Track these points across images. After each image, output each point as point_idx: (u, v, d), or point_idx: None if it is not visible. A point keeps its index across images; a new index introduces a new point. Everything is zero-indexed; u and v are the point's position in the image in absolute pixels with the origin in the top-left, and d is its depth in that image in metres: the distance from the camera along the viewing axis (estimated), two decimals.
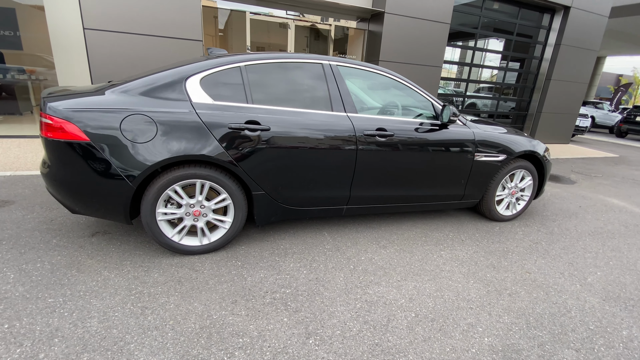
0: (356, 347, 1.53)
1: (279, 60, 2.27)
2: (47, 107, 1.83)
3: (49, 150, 1.90)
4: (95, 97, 1.91)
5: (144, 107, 1.91)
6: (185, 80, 2.04)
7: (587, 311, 1.92)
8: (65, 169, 1.89)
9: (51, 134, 1.84)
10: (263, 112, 2.13)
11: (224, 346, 1.48)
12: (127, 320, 1.58)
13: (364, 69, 2.50)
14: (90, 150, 1.84)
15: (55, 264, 1.98)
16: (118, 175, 1.88)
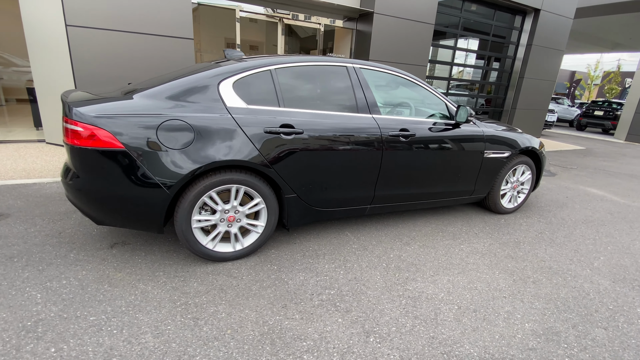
0: (415, 342, 1.58)
1: (306, 63, 2.26)
2: (74, 113, 1.72)
3: (77, 159, 1.78)
4: (125, 101, 1.81)
5: (180, 112, 1.84)
6: (218, 84, 1.98)
7: (603, 293, 2.11)
8: (96, 178, 1.78)
9: (79, 141, 1.72)
10: (296, 115, 2.12)
11: (291, 351, 1.47)
12: (183, 333, 1.53)
13: (383, 71, 2.55)
14: (125, 158, 1.75)
15: (83, 280, 1.86)
16: (155, 183, 1.80)
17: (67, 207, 2.80)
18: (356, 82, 2.39)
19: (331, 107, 2.29)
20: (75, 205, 1.95)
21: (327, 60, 2.34)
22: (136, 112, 1.78)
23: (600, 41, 17.32)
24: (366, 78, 2.44)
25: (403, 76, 2.64)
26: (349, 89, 2.36)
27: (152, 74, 4.58)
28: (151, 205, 1.85)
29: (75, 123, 1.71)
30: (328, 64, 2.34)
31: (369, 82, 2.45)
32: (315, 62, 2.30)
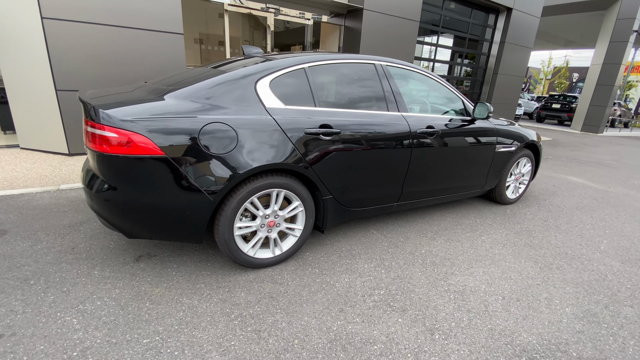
0: (477, 335, 1.63)
1: (337, 60, 2.22)
2: (103, 117, 1.55)
3: (109, 168, 1.62)
4: (159, 103, 1.68)
5: (221, 114, 1.73)
6: (255, 84, 1.89)
7: (617, 274, 2.29)
8: (132, 188, 1.63)
9: (112, 148, 1.57)
10: (332, 114, 2.08)
11: (366, 356, 1.46)
12: (250, 348, 1.46)
13: (406, 68, 2.57)
14: (165, 165, 1.62)
15: (119, 299, 1.71)
16: (198, 190, 1.69)
17: (70, 219, 2.56)
18: (384, 80, 2.38)
19: (363, 105, 2.27)
20: (102, 218, 1.78)
21: (356, 58, 2.32)
22: (174, 114, 1.65)
23: (554, 39, 18.66)
24: (392, 75, 2.44)
25: (423, 73, 2.68)
26: (378, 87, 2.35)
27: (139, 71, 4.28)
28: (194, 215, 1.73)
29: (107, 128, 1.56)
30: (357, 61, 2.31)
31: (395, 79, 2.46)
32: (344, 60, 2.26)
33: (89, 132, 1.63)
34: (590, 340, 1.65)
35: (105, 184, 1.66)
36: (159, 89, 1.88)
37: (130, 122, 1.57)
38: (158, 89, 1.91)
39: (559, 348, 1.59)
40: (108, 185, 1.66)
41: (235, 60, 2.44)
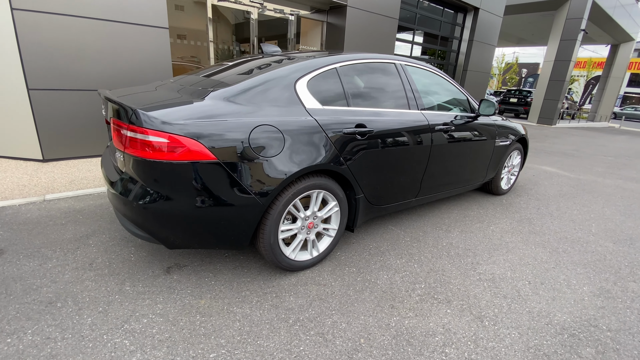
0: (520, 319, 1.75)
1: (363, 60, 2.23)
2: (151, 121, 1.44)
3: (155, 176, 1.51)
4: (204, 105, 1.59)
5: (267, 116, 1.68)
6: (295, 84, 1.85)
7: (614, 253, 2.56)
8: (182, 196, 1.53)
9: (160, 154, 1.46)
10: (364, 114, 2.10)
11: (431, 348, 1.51)
12: (320, 351, 1.45)
13: (420, 67, 2.64)
14: (216, 170, 1.54)
15: (165, 314, 1.61)
16: (249, 195, 1.63)
17: (73, 232, 2.34)
18: (405, 79, 2.44)
19: (388, 103, 2.30)
20: (142, 229, 1.65)
21: (378, 57, 2.34)
22: (223, 117, 1.57)
23: (508, 37, 20.01)
24: (411, 74, 2.51)
25: (432, 71, 2.77)
26: (400, 85, 2.40)
27: (122, 68, 3.99)
28: (243, 220, 1.67)
29: (156, 133, 1.45)
30: (380, 60, 2.34)
31: (414, 78, 2.53)
32: (369, 59, 2.28)
33: (128, 137, 1.51)
34: (612, 314, 1.84)
35: (151, 192, 1.55)
36: (194, 89, 1.78)
37: (181, 126, 1.47)
38: (191, 89, 1.81)
39: (591, 323, 1.75)
40: (155, 194, 1.54)
41: (253, 58, 2.37)
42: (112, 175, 1.79)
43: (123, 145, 1.55)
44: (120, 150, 1.60)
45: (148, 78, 4.20)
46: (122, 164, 1.64)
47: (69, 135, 3.86)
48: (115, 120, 1.61)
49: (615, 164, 6.21)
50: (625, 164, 6.36)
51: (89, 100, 3.88)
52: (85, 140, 3.97)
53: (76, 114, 3.84)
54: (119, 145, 1.61)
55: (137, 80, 4.13)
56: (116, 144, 1.64)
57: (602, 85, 19.80)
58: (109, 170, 1.89)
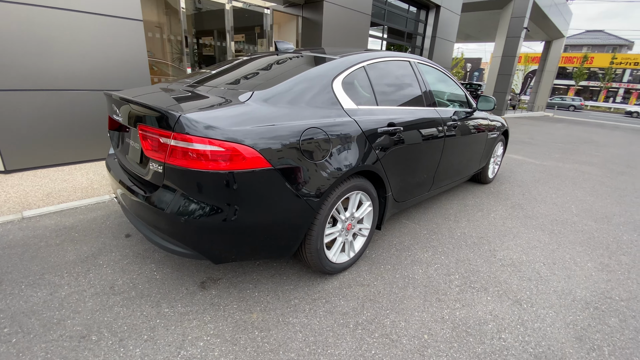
0: (549, 298, 1.91)
1: (385, 58, 2.24)
2: (197, 128, 1.32)
3: (206, 188, 1.38)
4: (252, 109, 1.49)
5: (312, 118, 1.62)
6: (332, 84, 1.80)
7: (598, 231, 2.88)
8: (234, 208, 1.43)
9: (213, 164, 1.35)
10: (393, 112, 2.12)
11: (489, 335, 1.59)
12: (393, 352, 1.46)
13: (428, 65, 2.72)
14: (270, 177, 1.46)
15: (220, 334, 1.51)
16: (301, 201, 1.57)
17: (74, 252, 2.08)
18: (419, 76, 2.49)
19: (408, 101, 2.34)
20: (184, 246, 1.51)
21: (395, 56, 2.36)
22: (272, 121, 1.49)
23: (457, 33, 21.27)
24: (423, 71, 2.57)
25: (438, 68, 2.86)
26: (415, 83, 2.45)
27: (91, 64, 3.59)
28: (295, 227, 1.61)
29: (207, 141, 1.33)
30: (397, 58, 2.36)
31: (425, 75, 2.59)
32: (389, 57, 2.29)
33: (172, 146, 1.36)
34: (619, 286, 2.08)
35: (202, 206, 1.42)
36: (225, 91, 1.66)
37: (236, 133, 1.36)
38: (222, 91, 1.68)
39: (605, 295, 1.97)
40: (207, 207, 1.41)
41: (266, 55, 2.27)
42: (139, 189, 1.61)
43: (164, 155, 1.40)
44: (158, 160, 1.44)
45: (123, 76, 3.82)
46: (160, 176, 1.48)
47: (34, 142, 3.40)
48: (149, 128, 1.44)
49: (566, 150, 6.96)
50: (573, 149, 7.16)
51: (57, 101, 3.44)
52: (54, 147, 3.52)
53: (42, 117, 3.39)
54: (153, 155, 1.45)
55: (111, 78, 3.75)
56: (150, 154, 1.47)
57: (538, 78, 21.96)
58: (128, 182, 1.70)
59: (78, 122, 3.64)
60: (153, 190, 1.54)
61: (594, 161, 5.93)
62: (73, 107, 3.57)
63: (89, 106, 3.67)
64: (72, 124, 3.60)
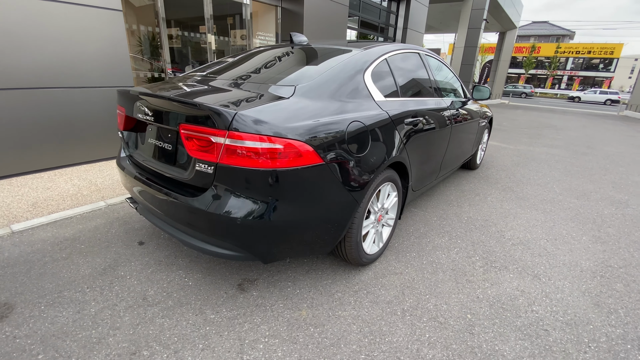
0: (562, 270, 2.09)
1: (401, 50, 2.28)
2: (250, 125, 1.28)
3: (262, 187, 1.34)
4: (302, 105, 1.46)
5: (352, 112, 1.62)
6: (364, 77, 1.80)
7: (582, 207, 3.18)
8: (288, 206, 1.40)
9: (270, 162, 1.31)
10: (414, 103, 2.17)
11: (522, 309, 1.72)
12: (444, 334, 1.53)
13: (432, 56, 2.80)
14: (321, 173, 1.45)
15: (276, 334, 1.49)
16: (346, 195, 1.57)
17: (87, 265, 1.93)
18: (427, 67, 2.57)
19: (421, 92, 2.41)
20: (233, 248, 1.46)
21: (407, 48, 2.41)
22: (320, 116, 1.47)
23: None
24: (429, 62, 2.64)
25: (439, 59, 2.96)
26: (426, 74, 2.52)
27: (68, 59, 3.27)
28: (341, 221, 1.62)
29: (264, 139, 1.29)
30: (409, 51, 2.41)
31: (432, 66, 2.67)
32: (403, 50, 2.33)
33: (226, 145, 1.30)
34: (614, 255, 2.32)
35: (257, 205, 1.37)
36: (260, 85, 1.61)
37: (291, 129, 1.34)
38: (256, 85, 1.63)
39: (606, 264, 2.19)
40: (262, 205, 1.37)
41: (283, 47, 2.22)
42: (178, 192, 1.52)
43: (215, 155, 1.34)
44: (208, 161, 1.37)
45: (102, 71, 3.53)
46: (209, 177, 1.41)
47: (5, 147, 3.05)
48: (196, 128, 1.37)
49: (532, 135, 7.52)
50: (538, 134, 7.75)
51: (30, 101, 3.10)
52: (28, 152, 3.19)
53: (13, 119, 3.04)
54: (202, 156, 1.38)
55: (91, 74, 3.44)
56: (196, 155, 1.40)
57: (494, 68, 23.32)
58: (158, 185, 1.60)
59: (54, 123, 3.32)
60: (198, 192, 1.46)
61: (558, 144, 6.48)
62: (48, 107, 3.24)
63: (65, 105, 3.35)
64: (47, 126, 3.27)
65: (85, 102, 3.48)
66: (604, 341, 1.54)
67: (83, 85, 3.42)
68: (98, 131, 3.63)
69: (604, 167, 4.77)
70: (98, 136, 3.65)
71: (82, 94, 3.45)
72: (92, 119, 3.57)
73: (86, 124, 3.52)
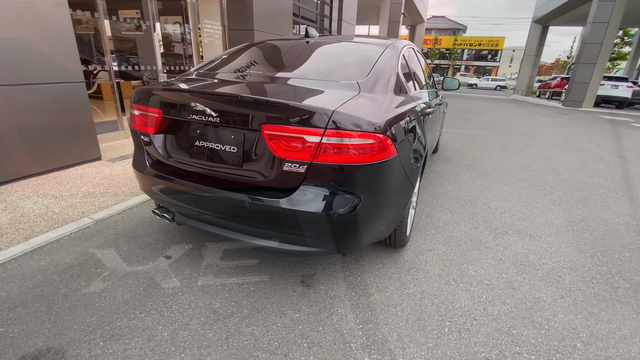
0: (550, 229, 2.58)
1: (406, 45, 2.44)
2: (343, 122, 1.32)
3: (353, 181, 1.40)
4: (376, 99, 1.55)
5: (404, 104, 1.75)
6: (398, 72, 1.92)
7: (532, 177, 3.88)
8: (372, 197, 1.48)
9: (363, 157, 1.37)
10: (424, 95, 2.38)
11: (536, 263, 2.11)
12: (491, 293, 1.81)
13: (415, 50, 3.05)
14: (397, 163, 1.55)
15: (367, 320, 1.57)
16: (407, 181, 1.71)
17: (123, 290, 1.70)
18: (420, 61, 2.81)
19: (422, 84, 2.64)
20: (322, 243, 1.48)
21: (409, 43, 2.59)
22: (389, 109, 1.56)
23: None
24: (419, 57, 2.89)
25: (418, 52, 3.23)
26: (420, 67, 2.76)
27: (5, 53, 2.66)
28: (402, 207, 1.75)
29: (361, 134, 1.34)
30: (411, 45, 2.61)
31: (421, 60, 2.92)
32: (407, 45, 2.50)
33: (323, 144, 1.31)
34: (571, 213, 2.95)
35: (350, 199, 1.41)
36: (320, 82, 1.63)
37: (378, 124, 1.41)
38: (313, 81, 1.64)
39: (569, 220, 2.78)
40: (354, 199, 1.42)
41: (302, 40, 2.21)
42: (256, 194, 1.46)
43: (309, 154, 1.33)
44: (299, 160, 1.35)
45: (43, 65, 2.94)
46: (298, 176, 1.39)
47: None
48: (286, 128, 1.33)
49: (461, 119, 8.63)
50: (465, 117, 8.92)
51: None
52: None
53: None
54: (292, 156, 1.36)
55: (28, 69, 2.84)
56: (285, 155, 1.36)
57: None
58: (227, 189, 1.51)
59: None
60: (281, 193, 1.43)
61: (485, 126, 7.60)
62: None
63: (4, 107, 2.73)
64: None
65: (29, 102, 2.88)
66: (599, 277, 2.01)
67: (19, 83, 2.82)
68: (45, 137, 3.05)
69: (527, 144, 5.81)
70: (45, 142, 3.06)
71: (27, 92, 2.84)
72: (38, 121, 2.97)
73: (32, 128, 2.92)
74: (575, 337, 1.55)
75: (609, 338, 1.55)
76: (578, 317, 1.68)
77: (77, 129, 3.29)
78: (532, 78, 19.91)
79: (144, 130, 1.71)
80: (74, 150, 3.30)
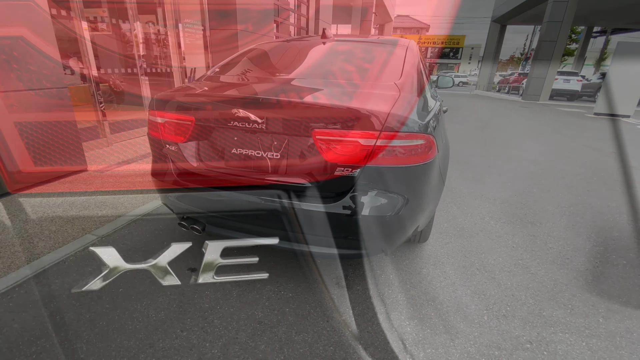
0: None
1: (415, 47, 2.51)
2: (401, 124, 1.35)
3: (405, 181, 1.43)
4: (413, 100, 1.57)
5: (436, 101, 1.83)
6: (421, 72, 1.98)
7: (518, 168, 4.13)
8: (418, 196, 1.52)
9: (415, 158, 1.41)
10: (435, 94, 2.46)
11: (548, 247, 2.26)
12: (517, 278, 1.92)
13: None
14: (433, 164, 1.59)
15: (419, 317, 1.61)
16: (440, 179, 1.77)
17: (154, 309, 1.61)
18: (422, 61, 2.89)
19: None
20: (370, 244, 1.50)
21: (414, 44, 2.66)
22: (426, 110, 1.61)
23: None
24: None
25: None
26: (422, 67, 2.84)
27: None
28: (435, 203, 1.81)
29: (417, 136, 1.39)
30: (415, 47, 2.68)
31: None
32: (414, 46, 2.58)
33: (377, 146, 1.32)
34: (560, 199, 3.17)
35: (401, 200, 1.44)
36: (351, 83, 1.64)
37: (426, 125, 1.45)
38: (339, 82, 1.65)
39: (561, 205, 3.00)
40: (405, 199, 1.45)
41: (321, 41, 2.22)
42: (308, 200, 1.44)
43: (362, 157, 1.34)
44: (352, 164, 1.36)
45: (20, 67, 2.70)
46: (349, 180, 1.38)
47: None
48: (339, 132, 1.33)
49: None
50: None
51: None
52: None
53: None
54: (344, 160, 1.36)
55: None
56: (337, 159, 1.36)
57: None
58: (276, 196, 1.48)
59: None
60: (330, 198, 1.42)
61: (463, 120, 7.96)
62: None
63: None
64: None
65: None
66: (600, 256, 2.20)
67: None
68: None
69: (505, 137, 6.17)
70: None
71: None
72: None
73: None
74: (597, 313, 1.69)
75: (623, 311, 1.71)
76: (593, 295, 1.83)
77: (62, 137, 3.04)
78: (492, 74, 21.12)
79: (169, 138, 1.62)
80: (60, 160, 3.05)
